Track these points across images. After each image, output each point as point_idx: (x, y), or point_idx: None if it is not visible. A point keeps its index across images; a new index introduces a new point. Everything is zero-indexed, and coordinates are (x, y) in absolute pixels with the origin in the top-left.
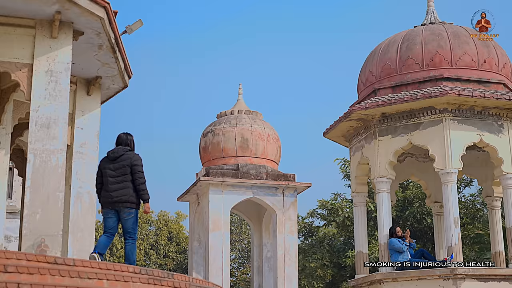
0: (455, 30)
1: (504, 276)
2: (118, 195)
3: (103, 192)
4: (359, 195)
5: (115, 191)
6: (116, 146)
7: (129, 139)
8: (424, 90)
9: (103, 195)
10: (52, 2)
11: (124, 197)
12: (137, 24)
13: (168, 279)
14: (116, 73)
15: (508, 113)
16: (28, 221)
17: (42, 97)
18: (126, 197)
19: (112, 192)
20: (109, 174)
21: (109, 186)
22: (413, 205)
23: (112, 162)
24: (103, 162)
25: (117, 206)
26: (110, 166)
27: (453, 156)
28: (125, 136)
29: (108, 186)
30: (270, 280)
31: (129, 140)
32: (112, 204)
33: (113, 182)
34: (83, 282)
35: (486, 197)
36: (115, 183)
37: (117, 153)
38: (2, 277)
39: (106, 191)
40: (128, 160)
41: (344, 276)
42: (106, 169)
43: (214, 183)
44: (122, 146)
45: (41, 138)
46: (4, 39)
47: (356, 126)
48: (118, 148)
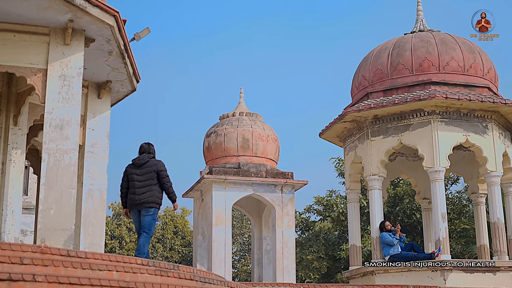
0: (442, 37)
1: (488, 267)
2: (144, 197)
3: (129, 195)
4: (352, 192)
5: (141, 194)
6: (140, 154)
7: (151, 148)
8: (413, 94)
9: (130, 198)
10: (65, 11)
11: (149, 198)
12: (145, 32)
13: (174, 271)
14: (125, 78)
15: (492, 115)
16: (43, 216)
17: (56, 100)
18: (152, 199)
19: (138, 195)
20: (135, 179)
21: (136, 189)
22: (403, 201)
23: (138, 168)
24: (129, 168)
25: (141, 207)
26: (136, 172)
27: (440, 155)
28: (147, 146)
29: (134, 190)
30: (270, 271)
31: (151, 148)
32: (137, 206)
33: (139, 186)
34: (94, 273)
35: (472, 194)
36: (141, 187)
37: (143, 160)
38: (18, 268)
39: (132, 194)
40: (154, 166)
41: (339, 268)
42: (132, 174)
43: (217, 180)
44: (146, 154)
45: (55, 139)
46: (20, 45)
47: (350, 127)
48: (143, 155)
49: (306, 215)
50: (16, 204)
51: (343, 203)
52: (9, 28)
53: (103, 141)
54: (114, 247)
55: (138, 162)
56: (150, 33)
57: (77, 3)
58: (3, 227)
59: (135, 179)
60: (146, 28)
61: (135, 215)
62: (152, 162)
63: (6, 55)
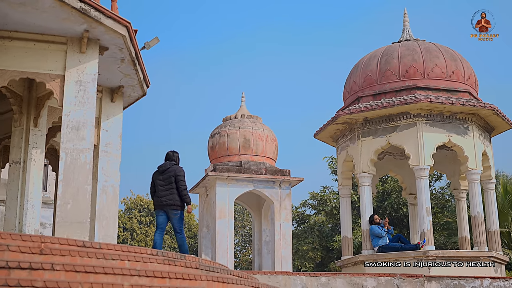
0: (427, 46)
1: (469, 257)
2: (166, 199)
3: (155, 197)
4: (344, 188)
5: (164, 197)
6: (165, 161)
7: (175, 156)
8: (400, 98)
9: (155, 200)
10: (81, 22)
11: (170, 201)
12: (154, 41)
13: (181, 260)
14: (136, 83)
15: (472, 118)
16: (61, 210)
17: (73, 104)
18: (172, 201)
19: (162, 197)
20: (159, 183)
21: (160, 193)
22: (391, 196)
23: (161, 174)
24: (155, 174)
25: (166, 208)
26: (160, 177)
27: (425, 155)
28: (172, 153)
29: (159, 193)
30: (269, 261)
31: (175, 156)
32: (162, 206)
33: (162, 189)
34: (108, 262)
35: (454, 190)
36: (163, 191)
37: (165, 167)
38: (38, 258)
39: (157, 196)
40: (172, 172)
41: (332, 257)
42: (157, 179)
43: (220, 177)
44: (169, 161)
45: (71, 139)
46: (40, 53)
47: (342, 128)
48: (166, 163)
49: (302, 209)
50: (36, 199)
51: (336, 198)
52: (30, 37)
53: (116, 141)
54: (126, 238)
55: (161, 169)
56: (159, 42)
57: (92, 14)
58: (24, 220)
59: (159, 184)
60: (155, 38)
61: (159, 214)
62: (172, 168)
63: (27, 62)
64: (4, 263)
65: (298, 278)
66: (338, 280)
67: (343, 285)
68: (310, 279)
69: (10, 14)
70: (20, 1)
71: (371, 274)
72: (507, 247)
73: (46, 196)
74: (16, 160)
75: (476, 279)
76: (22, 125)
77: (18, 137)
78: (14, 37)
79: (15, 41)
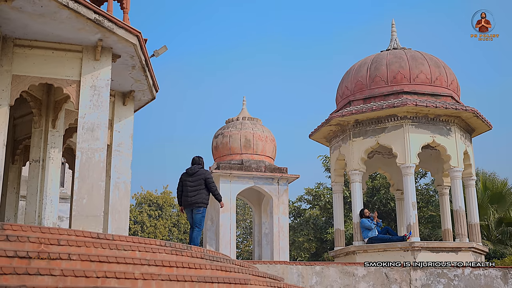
0: (413, 54)
1: (451, 248)
2: (194, 199)
3: (183, 197)
4: (337, 184)
5: (192, 196)
6: (192, 165)
7: (200, 160)
8: (388, 102)
9: (184, 199)
10: (95, 32)
11: (198, 199)
12: (163, 49)
13: (187, 251)
14: (146, 88)
15: (455, 120)
16: (77, 205)
17: (88, 107)
18: (200, 200)
19: (189, 197)
20: (188, 184)
21: (188, 193)
22: (380, 192)
23: (190, 176)
24: (183, 176)
25: (192, 206)
26: (189, 179)
27: (411, 154)
28: (198, 158)
29: (187, 193)
30: (268, 251)
31: (200, 161)
32: (189, 205)
33: (190, 190)
34: (120, 253)
35: (437, 186)
36: (192, 191)
37: (194, 170)
38: (56, 248)
39: (185, 196)
40: (202, 175)
41: (325, 248)
42: (186, 181)
43: (223, 174)
44: (196, 165)
45: (87, 139)
46: (58, 61)
47: (335, 130)
48: (194, 166)
49: (298, 204)
50: (54, 194)
51: (329, 194)
52: (48, 46)
53: (128, 141)
54: (136, 230)
55: (190, 172)
56: (167, 50)
57: (106, 25)
58: (43, 213)
59: (188, 185)
60: (163, 46)
61: (188, 212)
62: (201, 172)
63: (46, 69)
64: (24, 253)
65: (295, 267)
66: (331, 268)
67: (336, 273)
68: (306, 268)
69: (30, 24)
70: (39, 13)
71: (362, 263)
72: (486, 239)
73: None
74: (36, 159)
75: (458, 268)
76: (41, 126)
77: (38, 138)
78: (34, 45)
79: (35, 49)
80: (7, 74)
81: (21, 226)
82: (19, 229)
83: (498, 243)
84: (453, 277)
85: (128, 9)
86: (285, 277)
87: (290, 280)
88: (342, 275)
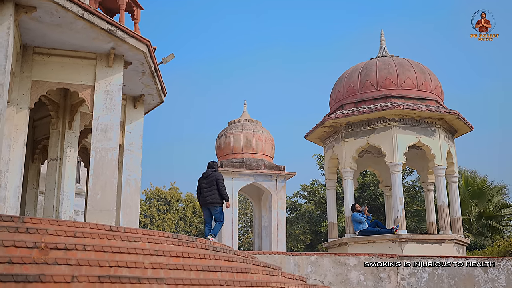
0: (400, 61)
1: (435, 240)
2: (209, 199)
3: (201, 197)
4: (330, 181)
5: (207, 196)
6: (207, 169)
7: (215, 164)
8: (377, 105)
9: (201, 200)
10: (108, 41)
11: (212, 199)
12: (170, 57)
13: (193, 242)
14: (155, 92)
15: (439, 122)
16: (91, 200)
17: (101, 110)
18: (214, 199)
19: (206, 197)
20: (203, 186)
21: (204, 193)
22: (370, 188)
23: (205, 179)
24: (200, 180)
25: (209, 206)
26: (204, 181)
27: (399, 153)
28: (212, 163)
29: (203, 194)
30: (267, 242)
31: (215, 165)
32: (206, 204)
33: (206, 191)
34: (131, 244)
35: (423, 183)
36: (207, 192)
37: (208, 173)
38: (72, 240)
39: (202, 197)
40: (214, 177)
41: (320, 240)
42: (202, 183)
43: (226, 172)
44: (210, 169)
45: (100, 140)
46: (74, 67)
47: (329, 131)
48: (208, 170)
49: (295, 199)
50: (70, 190)
51: (323, 190)
52: (65, 54)
53: (138, 141)
54: (146, 224)
55: (205, 175)
56: (174, 58)
57: (118, 34)
58: (60, 208)
59: (203, 187)
60: (171, 54)
61: (205, 211)
62: (213, 174)
63: (63, 75)
64: (43, 244)
65: (292, 257)
66: (325, 259)
67: (329, 263)
68: (301, 258)
69: (48, 34)
70: (57, 23)
71: (353, 254)
72: (468, 231)
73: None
74: (54, 158)
75: (441, 258)
76: (58, 128)
77: (55, 138)
78: (51, 53)
79: (52, 57)
80: (27, 79)
81: (40, 219)
82: (38, 222)
83: (478, 235)
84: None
85: (138, 19)
86: (282, 266)
87: (287, 269)
88: (335, 265)
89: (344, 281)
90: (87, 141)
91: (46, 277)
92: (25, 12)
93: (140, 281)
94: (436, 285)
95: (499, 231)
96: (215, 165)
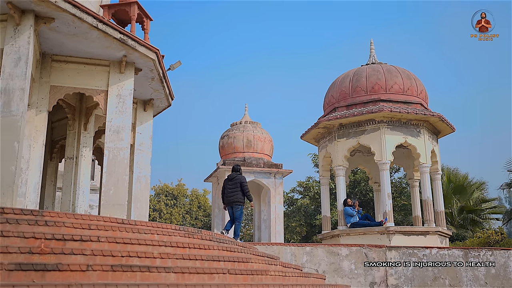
0: (388, 68)
1: (421, 231)
2: (232, 198)
3: (225, 197)
4: (324, 178)
5: (231, 196)
6: (232, 172)
7: (238, 168)
8: (367, 108)
9: (225, 199)
10: (120, 49)
11: (235, 199)
12: (177, 64)
13: (198, 234)
14: (163, 97)
15: (423, 123)
16: (105, 195)
17: (114, 112)
18: (237, 199)
19: (230, 197)
20: (228, 187)
21: (228, 193)
22: (360, 184)
23: (230, 181)
24: (225, 181)
25: (232, 204)
26: (229, 183)
27: (387, 152)
28: (237, 167)
29: (227, 194)
30: (266, 234)
31: (238, 168)
32: (230, 203)
33: (230, 191)
34: (141, 236)
35: (409, 179)
36: (231, 192)
37: (233, 176)
38: (87, 232)
39: (227, 196)
40: (238, 179)
41: (314, 232)
42: (227, 185)
43: (228, 170)
44: (235, 172)
45: (113, 140)
46: (89, 73)
47: (322, 132)
48: (233, 173)
49: (291, 194)
50: (85, 186)
51: (318, 186)
52: (81, 61)
53: (148, 141)
54: (155, 217)
55: (230, 177)
56: (181, 64)
57: (129, 43)
58: (76, 202)
59: (228, 188)
60: (178, 61)
61: (229, 209)
62: (238, 177)
63: (79, 80)
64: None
65: (288, 248)
66: (319, 249)
67: (323, 253)
68: (298, 249)
69: (65, 43)
70: (73, 33)
71: (345, 245)
72: (450, 224)
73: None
74: (70, 156)
75: (426, 249)
76: (74, 129)
77: (72, 138)
78: (68, 60)
79: (69, 63)
80: (46, 85)
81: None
82: (56, 216)
83: (460, 228)
84: (422, 256)
85: (148, 29)
86: (280, 256)
87: (285, 259)
88: (328, 255)
89: (336, 270)
90: (101, 141)
91: (63, 266)
92: (44, 23)
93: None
94: (421, 273)
95: (479, 224)
96: (239, 169)
